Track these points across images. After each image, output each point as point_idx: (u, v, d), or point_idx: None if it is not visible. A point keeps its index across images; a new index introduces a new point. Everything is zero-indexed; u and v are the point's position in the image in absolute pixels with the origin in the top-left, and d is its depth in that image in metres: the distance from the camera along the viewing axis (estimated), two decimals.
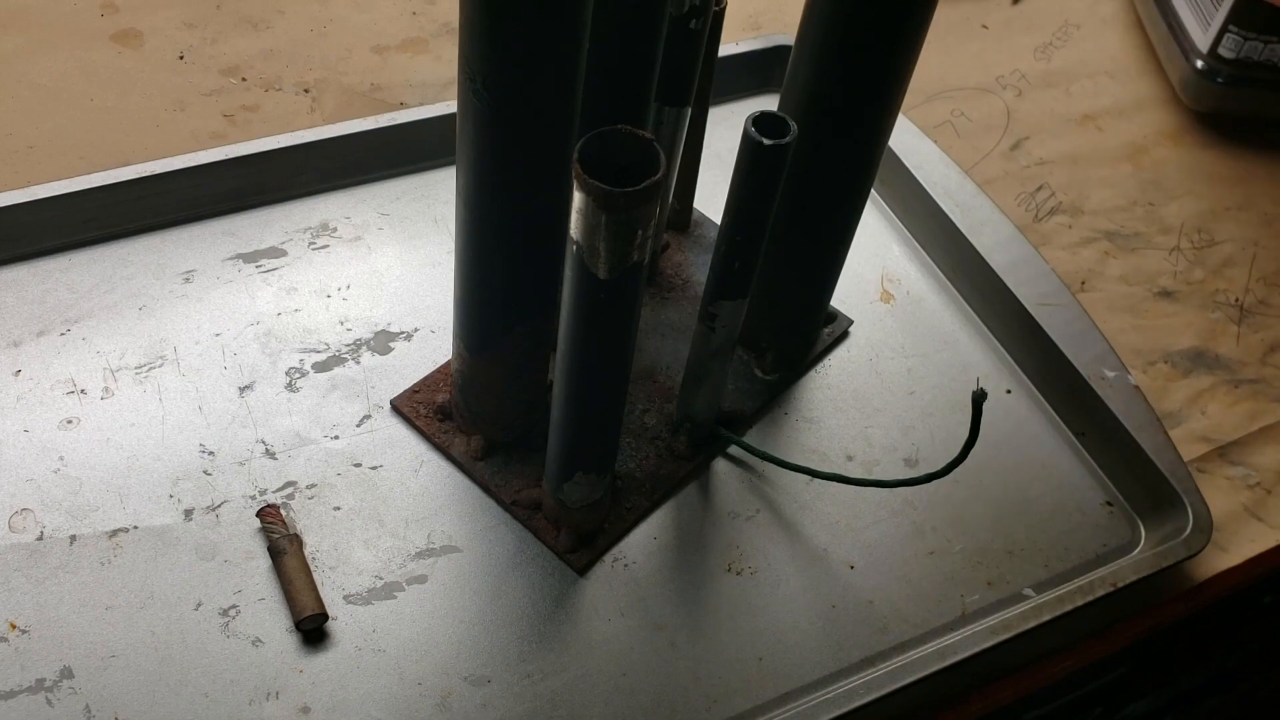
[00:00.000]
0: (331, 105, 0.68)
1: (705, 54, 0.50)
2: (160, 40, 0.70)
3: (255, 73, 0.69)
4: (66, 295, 0.55)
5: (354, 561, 0.48)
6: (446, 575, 0.48)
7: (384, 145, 0.62)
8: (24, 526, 0.47)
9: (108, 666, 0.44)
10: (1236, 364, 0.63)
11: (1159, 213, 0.70)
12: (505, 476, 0.51)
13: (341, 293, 0.57)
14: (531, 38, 0.37)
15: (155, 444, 0.50)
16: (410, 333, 0.56)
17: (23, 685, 0.43)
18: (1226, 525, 0.55)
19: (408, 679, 0.45)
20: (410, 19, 0.75)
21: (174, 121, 0.65)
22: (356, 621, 0.46)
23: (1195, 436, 0.59)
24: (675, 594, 0.49)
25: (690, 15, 0.47)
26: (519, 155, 0.41)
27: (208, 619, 0.46)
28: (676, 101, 0.50)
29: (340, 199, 0.62)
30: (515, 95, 0.38)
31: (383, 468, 0.51)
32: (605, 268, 0.36)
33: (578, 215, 0.35)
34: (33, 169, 0.61)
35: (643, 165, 0.33)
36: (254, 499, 0.49)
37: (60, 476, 0.49)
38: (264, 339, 0.55)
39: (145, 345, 0.54)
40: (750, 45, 0.71)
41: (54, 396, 0.51)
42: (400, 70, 0.71)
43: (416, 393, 0.53)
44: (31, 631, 0.45)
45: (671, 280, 0.60)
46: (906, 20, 0.44)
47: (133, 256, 0.57)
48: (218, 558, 0.47)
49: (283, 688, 0.44)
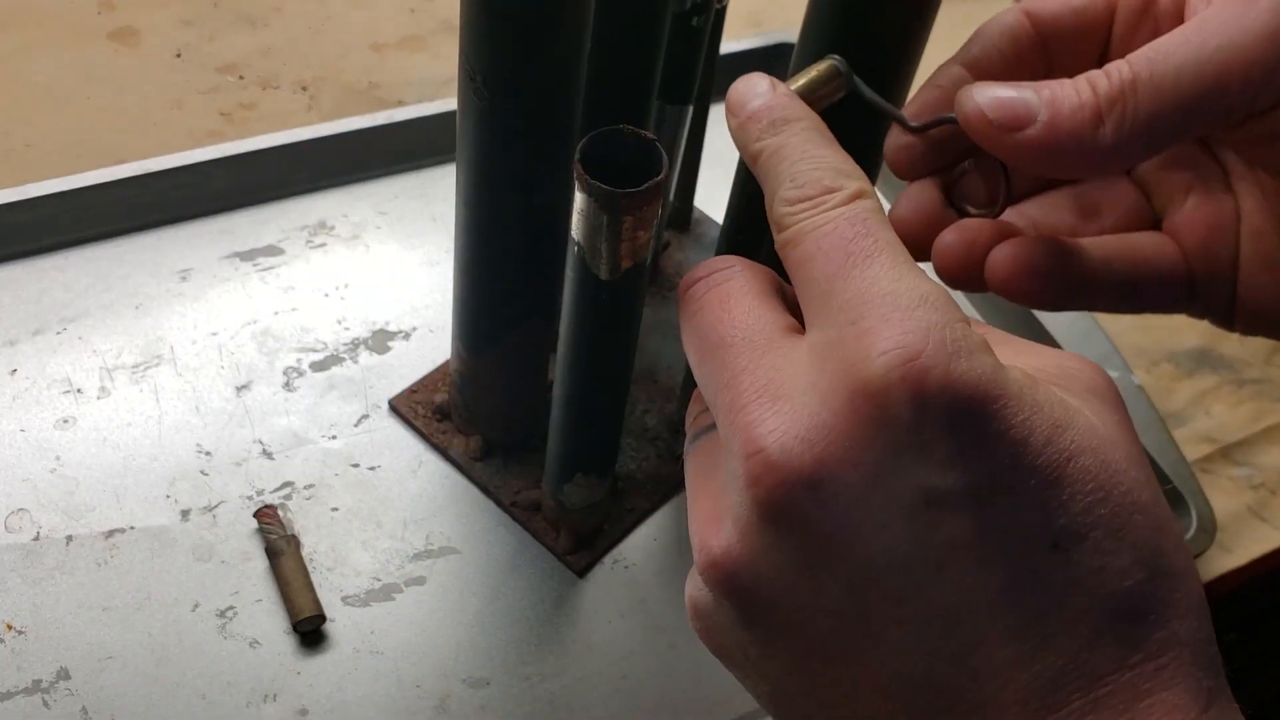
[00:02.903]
0: (329, 103, 0.68)
1: (707, 52, 0.50)
2: (157, 38, 0.70)
3: (253, 70, 0.69)
4: (63, 294, 0.55)
5: (352, 562, 0.48)
6: (445, 577, 0.48)
7: (382, 143, 0.62)
8: (20, 526, 0.47)
9: (104, 668, 0.44)
10: (1241, 364, 0.62)
11: None
12: (504, 477, 0.50)
13: (339, 291, 0.57)
14: (532, 36, 0.37)
15: (152, 444, 0.50)
16: (409, 332, 0.56)
17: (19, 686, 0.43)
18: (1230, 526, 0.55)
19: (406, 681, 0.45)
20: (409, 16, 0.74)
21: (171, 119, 0.65)
22: (354, 623, 0.46)
23: (1199, 437, 0.59)
24: (676, 595, 0.48)
25: (692, 13, 0.46)
26: (519, 154, 0.40)
27: (205, 620, 0.45)
28: (678, 100, 0.50)
29: (338, 197, 0.61)
30: (516, 94, 0.38)
31: (381, 468, 0.51)
32: (607, 268, 0.35)
33: (579, 216, 0.34)
34: (29, 167, 0.61)
35: (645, 165, 0.33)
36: (251, 499, 0.49)
37: (56, 476, 0.49)
38: (261, 338, 0.55)
39: (142, 344, 0.53)
40: (752, 43, 0.70)
41: (50, 396, 0.51)
42: (398, 68, 0.71)
43: (415, 393, 0.53)
44: (28, 632, 0.44)
45: (672, 279, 0.60)
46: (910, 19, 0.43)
47: (129, 255, 0.57)
48: (215, 558, 0.47)
49: (280, 689, 0.44)
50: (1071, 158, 0.29)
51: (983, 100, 0.30)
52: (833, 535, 0.25)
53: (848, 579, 0.25)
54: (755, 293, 0.29)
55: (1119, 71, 0.29)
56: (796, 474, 0.25)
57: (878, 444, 0.24)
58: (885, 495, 0.24)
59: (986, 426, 0.24)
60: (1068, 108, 0.29)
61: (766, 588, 0.26)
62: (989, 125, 0.30)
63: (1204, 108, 0.28)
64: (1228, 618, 0.59)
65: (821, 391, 0.25)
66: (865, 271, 0.26)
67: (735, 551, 0.26)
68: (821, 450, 0.25)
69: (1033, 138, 0.29)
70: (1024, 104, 0.29)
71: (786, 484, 0.25)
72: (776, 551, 0.26)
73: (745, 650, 0.28)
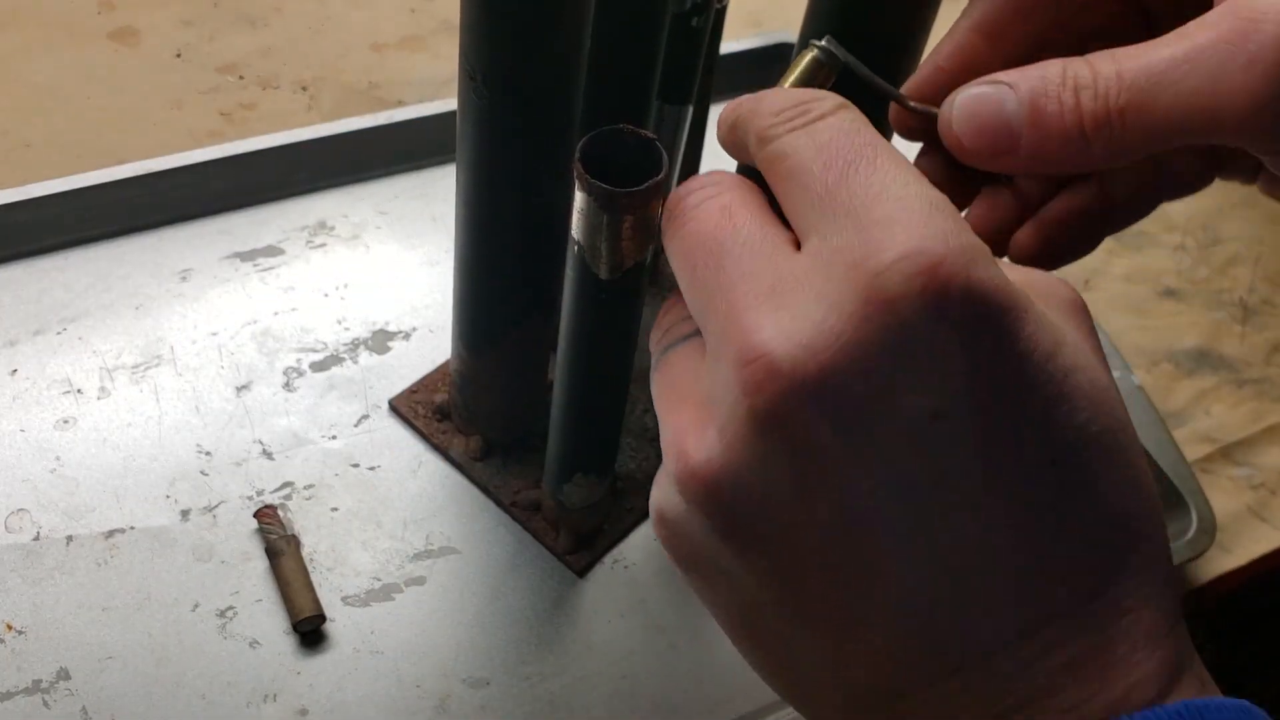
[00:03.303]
0: (329, 103, 0.68)
1: (707, 52, 0.50)
2: (157, 38, 0.70)
3: (253, 70, 0.69)
4: (63, 294, 0.55)
5: (352, 563, 0.48)
6: (445, 577, 0.48)
7: (382, 143, 0.62)
8: (20, 527, 0.47)
9: (104, 668, 0.44)
10: (1241, 364, 0.62)
11: (1164, 210, 0.70)
12: (504, 477, 0.50)
13: (339, 292, 0.57)
14: (531, 34, 0.37)
15: (152, 444, 0.50)
16: (408, 332, 0.56)
17: (19, 686, 0.43)
18: (1230, 526, 0.55)
19: (406, 681, 0.45)
20: (409, 16, 0.74)
21: (171, 119, 0.65)
22: (354, 623, 0.46)
23: (1199, 437, 0.59)
24: (676, 595, 0.48)
25: (692, 13, 0.46)
26: (519, 153, 0.40)
27: (205, 620, 0.45)
28: (678, 100, 0.49)
29: (338, 197, 0.61)
30: (515, 93, 0.38)
31: (381, 468, 0.51)
32: (607, 268, 0.35)
33: (579, 215, 0.34)
34: (29, 167, 0.61)
35: (645, 164, 0.33)
36: (251, 499, 0.49)
37: (56, 476, 0.49)
38: (261, 338, 0.54)
39: (142, 345, 0.53)
40: (752, 43, 0.70)
41: (50, 396, 0.51)
42: (399, 68, 0.70)
43: (415, 393, 0.53)
44: (28, 633, 0.44)
45: (672, 279, 0.60)
46: (909, 18, 0.43)
47: (129, 255, 0.57)
48: (215, 559, 0.47)
49: (280, 690, 0.44)
50: (1060, 169, 0.29)
51: (961, 128, 0.30)
52: (830, 450, 0.24)
53: (841, 496, 0.24)
54: (755, 205, 0.28)
55: (1105, 88, 0.28)
56: (800, 383, 0.23)
57: (890, 353, 0.23)
58: (892, 409, 0.23)
59: (999, 339, 0.23)
60: (1054, 128, 0.29)
61: (748, 502, 0.25)
62: (971, 154, 0.30)
63: (1195, 135, 0.28)
64: (1228, 618, 0.59)
65: (830, 298, 0.24)
66: (870, 177, 0.25)
67: (717, 463, 0.25)
68: (829, 358, 0.23)
69: (1021, 162, 0.29)
70: (1004, 127, 0.29)
71: (788, 393, 0.23)
72: (765, 465, 0.24)
73: (716, 561, 0.26)
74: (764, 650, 0.28)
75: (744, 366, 0.24)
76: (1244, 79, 0.27)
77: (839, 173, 0.25)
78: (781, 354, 0.23)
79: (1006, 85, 0.30)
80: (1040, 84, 0.29)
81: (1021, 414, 0.24)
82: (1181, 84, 0.28)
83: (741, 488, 0.25)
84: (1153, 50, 0.28)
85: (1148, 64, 0.28)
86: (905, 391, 0.23)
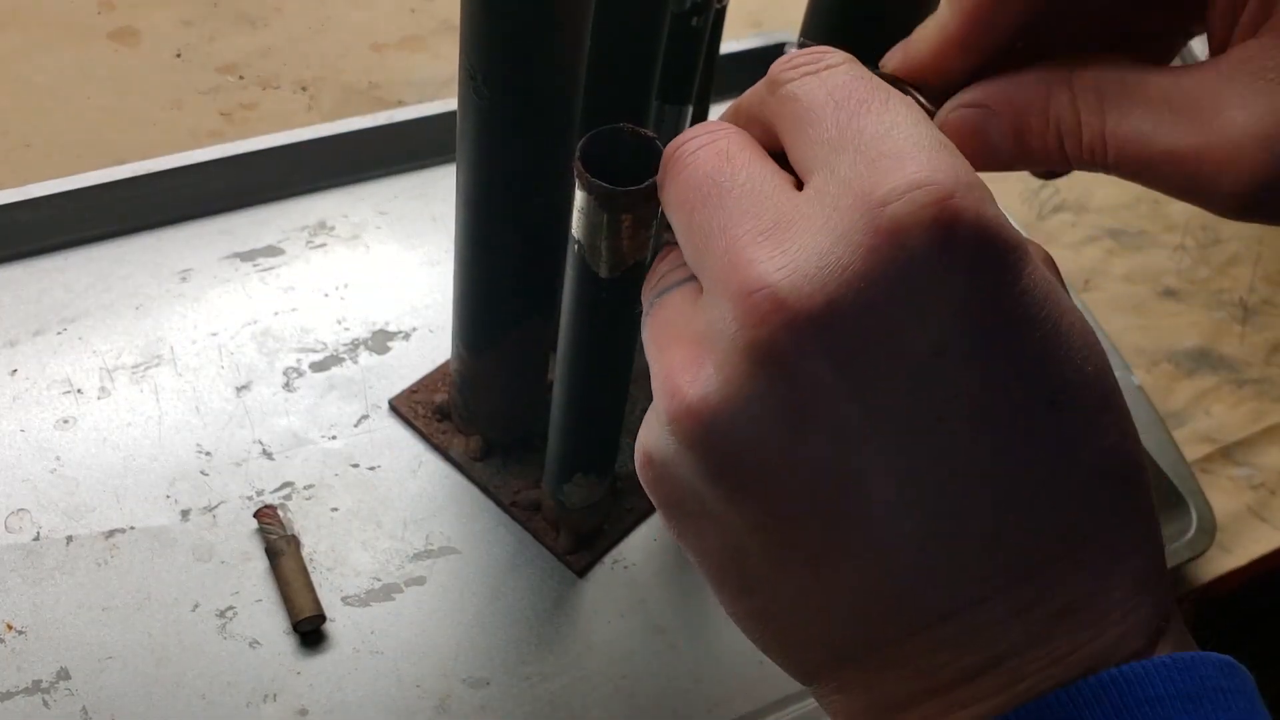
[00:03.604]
0: (329, 103, 0.68)
1: (707, 52, 0.50)
2: (157, 38, 0.70)
3: (253, 71, 0.69)
4: (63, 294, 0.55)
5: (352, 563, 0.48)
6: (445, 577, 0.48)
7: (382, 143, 0.62)
8: (20, 527, 0.47)
9: (105, 668, 0.44)
10: (1241, 364, 0.62)
11: (1163, 210, 0.70)
12: (504, 477, 0.50)
13: (339, 292, 0.57)
14: (531, 34, 0.37)
15: (152, 444, 0.50)
16: (408, 332, 0.56)
17: (19, 686, 0.43)
18: (1230, 526, 0.55)
19: (406, 681, 0.45)
20: (409, 16, 0.74)
21: (171, 120, 0.65)
22: (354, 623, 0.46)
23: (1199, 437, 0.59)
24: (676, 596, 0.48)
25: (692, 13, 0.46)
26: (519, 154, 0.40)
27: (205, 620, 0.45)
28: (678, 100, 0.49)
29: (338, 197, 0.61)
30: (516, 93, 0.38)
31: (381, 468, 0.51)
32: (607, 267, 0.35)
33: (579, 214, 0.34)
34: (29, 167, 0.61)
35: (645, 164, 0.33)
36: (251, 499, 0.49)
37: (56, 476, 0.49)
38: (261, 338, 0.54)
39: (142, 345, 0.53)
40: (752, 43, 0.70)
41: (50, 396, 0.51)
42: (399, 68, 0.70)
43: (415, 393, 0.53)
44: (28, 633, 0.44)
45: None
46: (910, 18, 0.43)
47: (129, 255, 0.57)
48: (215, 559, 0.47)
49: (280, 690, 0.44)
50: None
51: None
52: (831, 386, 0.23)
53: (838, 433, 0.23)
54: (755, 149, 0.27)
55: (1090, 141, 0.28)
56: (804, 315, 0.23)
57: (897, 287, 0.23)
58: (895, 344, 0.23)
59: (1004, 276, 0.23)
60: (1038, 153, 0.29)
61: (743, 440, 0.24)
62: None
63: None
64: (1228, 618, 0.59)
65: (836, 229, 0.23)
66: (882, 116, 0.24)
67: (714, 399, 0.24)
68: (834, 290, 0.22)
69: (1006, 163, 0.29)
70: (989, 149, 0.29)
71: (790, 325, 0.23)
72: (764, 400, 0.24)
73: (704, 503, 0.26)
74: (749, 598, 0.27)
75: (745, 299, 0.23)
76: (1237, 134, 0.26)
77: (850, 112, 0.25)
78: (785, 286, 0.23)
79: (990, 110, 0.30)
80: (1019, 101, 0.29)
81: (1021, 351, 0.24)
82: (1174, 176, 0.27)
83: (738, 424, 0.24)
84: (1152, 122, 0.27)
85: (1143, 145, 0.27)
86: (909, 326, 0.23)
